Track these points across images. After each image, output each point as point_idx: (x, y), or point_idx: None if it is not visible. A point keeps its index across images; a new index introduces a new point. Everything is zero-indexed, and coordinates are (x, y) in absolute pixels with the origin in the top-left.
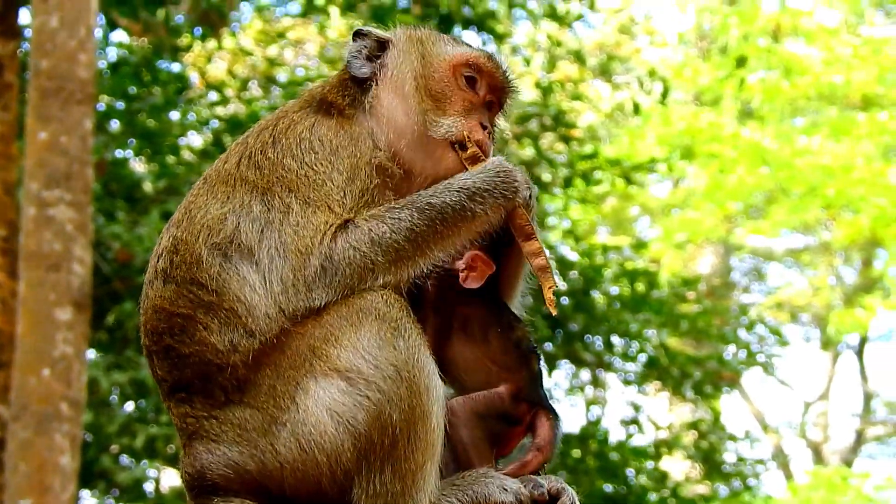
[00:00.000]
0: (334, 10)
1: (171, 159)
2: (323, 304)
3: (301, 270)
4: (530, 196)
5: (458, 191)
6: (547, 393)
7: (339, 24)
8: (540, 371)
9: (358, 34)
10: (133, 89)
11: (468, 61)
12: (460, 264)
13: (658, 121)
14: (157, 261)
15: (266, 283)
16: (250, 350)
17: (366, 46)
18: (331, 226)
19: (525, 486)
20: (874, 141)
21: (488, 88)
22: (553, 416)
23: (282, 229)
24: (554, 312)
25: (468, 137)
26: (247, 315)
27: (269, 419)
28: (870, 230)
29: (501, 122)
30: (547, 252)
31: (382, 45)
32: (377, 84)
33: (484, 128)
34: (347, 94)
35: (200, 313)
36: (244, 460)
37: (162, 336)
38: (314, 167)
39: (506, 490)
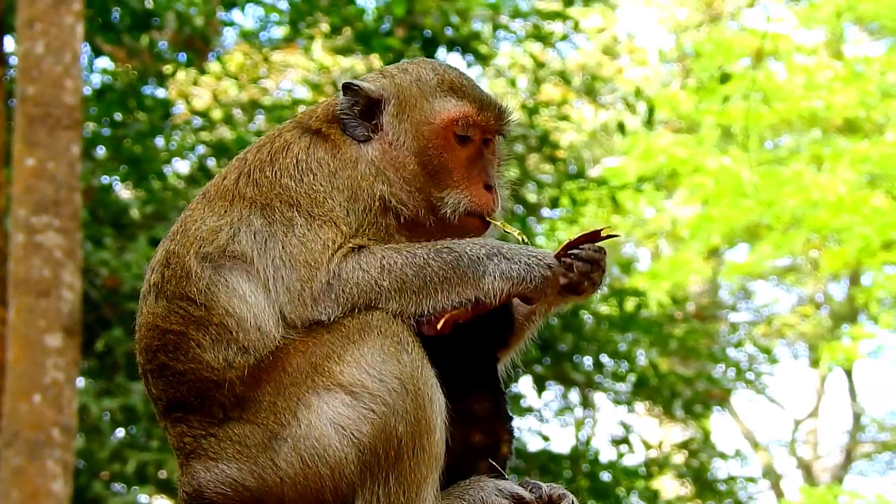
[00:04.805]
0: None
1: (157, 185)
2: (329, 318)
3: (308, 282)
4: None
5: (482, 245)
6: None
7: (321, 53)
8: (488, 445)
9: (347, 88)
10: (119, 115)
11: (456, 121)
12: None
13: (639, 153)
14: (151, 275)
15: (268, 293)
16: (245, 366)
17: (356, 103)
18: (339, 245)
19: (524, 489)
20: (856, 169)
21: (482, 133)
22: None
23: (286, 241)
24: None
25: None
26: (237, 330)
27: (269, 435)
28: (855, 259)
29: (503, 145)
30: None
31: (374, 101)
32: (378, 147)
33: (488, 187)
34: (335, 127)
35: (192, 329)
36: (243, 477)
37: (156, 353)
38: (313, 187)
39: (501, 491)
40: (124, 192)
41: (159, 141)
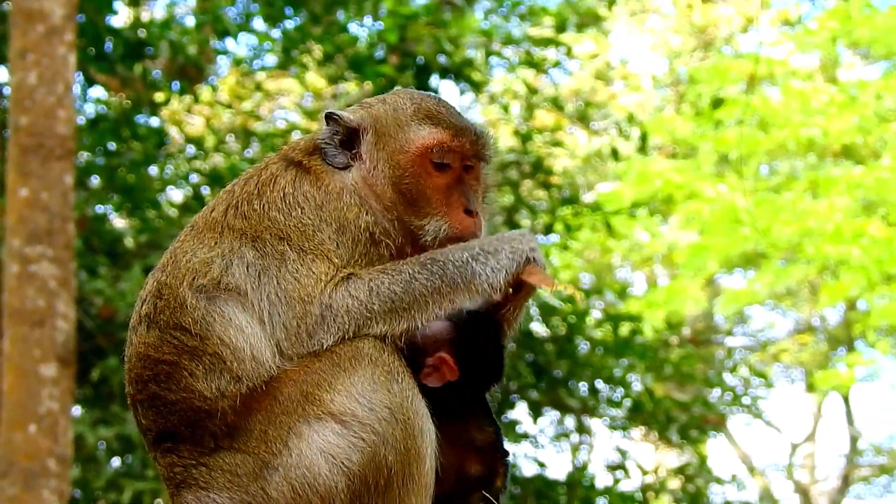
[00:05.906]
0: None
1: (151, 214)
2: (324, 347)
3: (304, 319)
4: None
5: (463, 249)
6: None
7: (315, 78)
8: (484, 476)
9: (329, 118)
10: (112, 145)
11: (430, 148)
12: (428, 360)
13: (634, 178)
14: (141, 306)
15: (263, 326)
16: (237, 395)
17: (337, 132)
18: (331, 277)
19: None
20: (852, 195)
21: (461, 159)
22: None
23: (280, 276)
24: None
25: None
26: (232, 359)
27: (260, 464)
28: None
29: (486, 171)
30: None
31: (353, 131)
32: (357, 176)
33: (469, 212)
34: (316, 158)
35: (185, 359)
36: None
37: (147, 384)
38: (302, 220)
39: None
40: (118, 221)
41: (153, 170)
